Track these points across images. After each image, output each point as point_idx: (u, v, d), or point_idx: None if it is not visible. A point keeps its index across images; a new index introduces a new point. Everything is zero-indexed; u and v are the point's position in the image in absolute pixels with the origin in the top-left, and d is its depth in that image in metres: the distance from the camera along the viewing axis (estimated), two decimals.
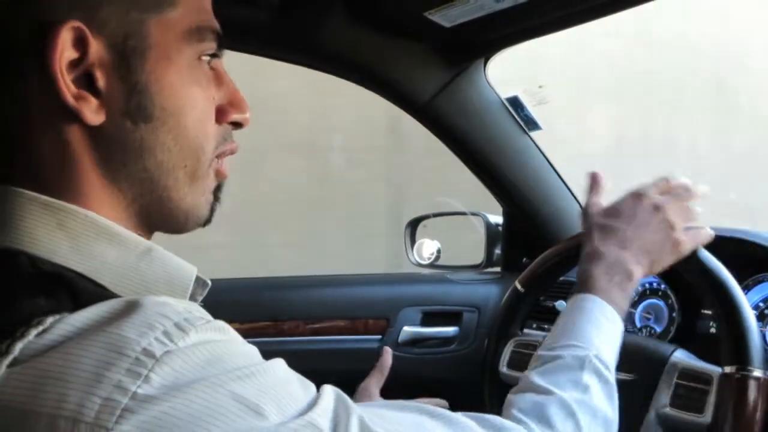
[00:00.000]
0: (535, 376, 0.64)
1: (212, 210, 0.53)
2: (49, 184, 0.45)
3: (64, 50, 0.43)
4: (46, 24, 0.43)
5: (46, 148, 0.45)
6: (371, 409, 0.48)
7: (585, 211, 0.81)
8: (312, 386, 0.45)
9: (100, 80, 0.45)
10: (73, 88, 0.44)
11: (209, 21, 0.50)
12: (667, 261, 0.77)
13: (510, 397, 0.63)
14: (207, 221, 0.53)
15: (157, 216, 0.50)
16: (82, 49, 0.44)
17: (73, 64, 0.44)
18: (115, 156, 0.46)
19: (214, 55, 0.51)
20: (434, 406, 0.51)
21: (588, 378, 0.63)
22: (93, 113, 0.45)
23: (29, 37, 0.43)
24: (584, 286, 0.73)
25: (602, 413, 0.63)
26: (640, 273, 0.74)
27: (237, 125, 0.54)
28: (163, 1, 0.47)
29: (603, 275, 0.72)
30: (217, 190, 0.53)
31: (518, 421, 0.58)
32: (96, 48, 0.44)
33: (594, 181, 0.83)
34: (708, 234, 0.80)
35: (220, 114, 0.52)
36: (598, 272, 0.73)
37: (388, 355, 0.91)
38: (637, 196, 0.78)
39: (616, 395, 0.66)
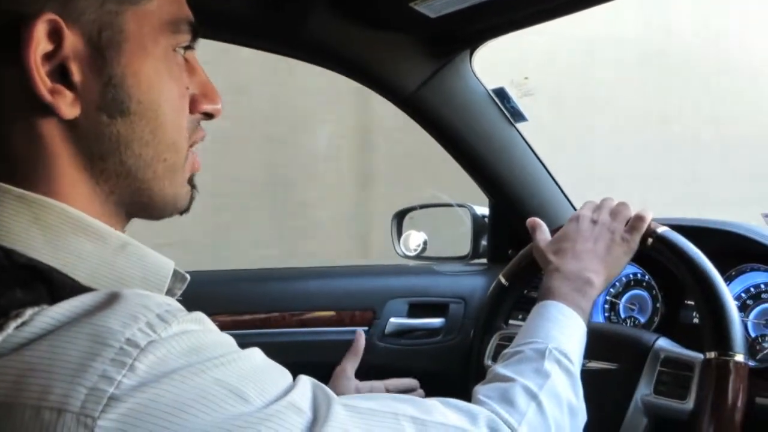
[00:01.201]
0: (498, 368, 0.68)
1: (191, 199, 0.53)
2: (25, 178, 0.45)
3: (39, 43, 0.42)
4: (21, 16, 0.42)
5: (20, 142, 0.45)
6: (348, 399, 0.49)
7: (537, 248, 0.89)
8: (288, 373, 0.47)
9: (75, 73, 0.44)
10: (48, 81, 0.43)
11: (185, 12, 0.50)
12: (622, 261, 0.84)
13: (476, 388, 0.66)
14: (185, 210, 0.53)
15: (135, 205, 0.50)
16: (57, 41, 0.43)
17: (48, 57, 0.43)
18: (91, 150, 0.46)
19: (187, 47, 0.51)
20: (405, 384, 0.53)
21: (549, 366, 0.67)
22: (68, 107, 0.44)
23: (2, 29, 0.43)
24: (544, 296, 0.78)
25: (566, 399, 0.66)
26: (599, 279, 0.80)
27: (208, 116, 0.54)
28: None
29: (561, 285, 0.79)
30: (191, 179, 0.53)
31: (482, 404, 0.61)
32: (71, 40, 0.44)
33: (534, 224, 0.92)
34: (645, 213, 0.86)
35: (193, 104, 0.52)
36: (556, 283, 0.79)
37: (361, 338, 0.99)
38: (575, 219, 0.87)
39: (579, 385, 0.69)
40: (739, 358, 0.78)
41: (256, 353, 0.45)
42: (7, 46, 0.43)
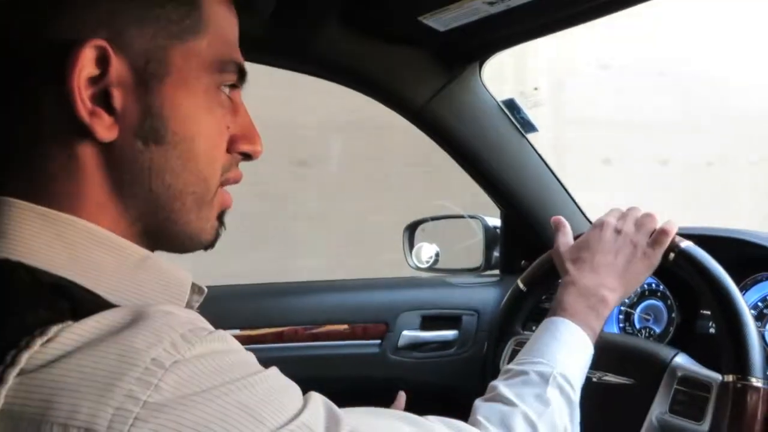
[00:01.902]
0: (501, 387, 0.68)
1: (217, 235, 0.54)
2: (53, 197, 0.46)
3: (85, 66, 0.44)
4: (70, 41, 0.44)
5: (54, 162, 0.46)
6: (354, 415, 0.49)
7: (557, 251, 0.87)
8: (300, 392, 0.47)
9: (117, 99, 0.45)
10: (88, 104, 0.45)
11: (232, 54, 0.51)
12: (642, 276, 0.82)
13: (477, 403, 0.67)
14: (210, 245, 0.54)
15: (159, 237, 0.50)
16: (103, 67, 0.45)
17: (92, 81, 0.45)
18: (123, 175, 0.47)
19: (233, 86, 0.52)
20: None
21: (551, 393, 0.67)
22: (105, 130, 0.45)
23: (51, 52, 0.44)
24: (556, 310, 0.77)
25: (563, 427, 0.66)
26: (614, 296, 0.79)
27: (247, 156, 0.55)
28: (189, 30, 0.48)
29: (575, 300, 0.77)
30: (221, 216, 0.54)
31: (483, 428, 0.62)
32: (117, 67, 0.45)
33: (558, 224, 0.90)
34: (670, 227, 0.83)
35: (232, 143, 0.53)
36: (570, 298, 0.78)
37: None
38: (599, 226, 0.85)
39: (577, 413, 0.69)
40: (758, 383, 0.76)
41: (274, 373, 0.46)
42: (53, 69, 0.44)
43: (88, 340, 0.39)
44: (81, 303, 0.42)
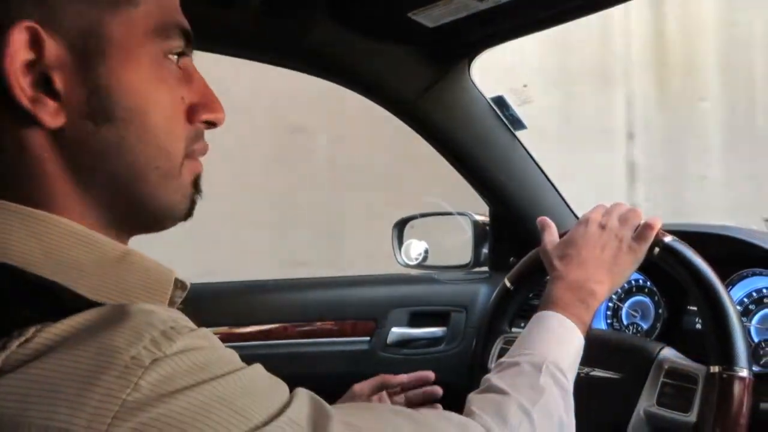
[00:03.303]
0: (494, 379, 0.68)
1: (192, 203, 0.52)
2: (17, 192, 0.44)
3: (17, 51, 0.42)
4: (1, 26, 0.41)
5: (9, 155, 0.44)
6: (346, 410, 0.49)
7: (543, 249, 0.88)
8: (286, 388, 0.46)
9: (58, 82, 0.43)
10: (29, 90, 0.42)
11: (175, 18, 0.49)
12: (628, 271, 0.83)
13: (470, 396, 0.67)
14: (187, 216, 0.52)
15: (133, 219, 0.49)
16: (38, 49, 0.42)
17: (29, 66, 0.42)
18: (81, 160, 0.45)
19: (182, 54, 0.50)
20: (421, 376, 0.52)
21: (544, 382, 0.67)
22: (51, 116, 0.43)
23: None
24: (545, 305, 0.78)
25: (557, 416, 0.67)
26: (603, 289, 0.79)
27: (211, 124, 0.52)
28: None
29: (564, 294, 0.78)
30: (196, 183, 0.52)
31: (476, 417, 0.61)
32: (52, 48, 0.43)
33: (544, 224, 0.91)
34: (654, 222, 0.84)
35: (192, 114, 0.50)
36: (559, 292, 0.78)
37: (435, 391, 0.96)
38: (584, 222, 0.86)
39: (571, 401, 0.70)
40: (743, 373, 0.77)
41: (257, 369, 0.45)
42: None
43: (66, 339, 0.38)
44: (61, 302, 0.41)
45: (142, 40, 0.46)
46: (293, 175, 2.74)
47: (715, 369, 0.78)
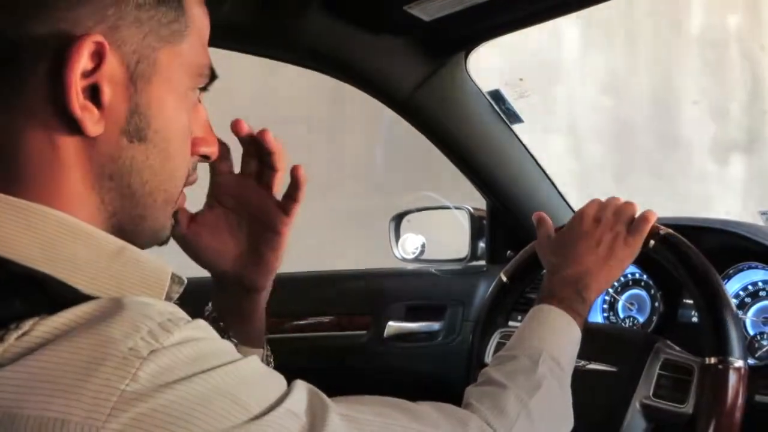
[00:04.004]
0: (492, 372, 0.68)
1: (171, 231, 0.54)
2: (29, 187, 0.45)
3: (82, 61, 0.44)
4: (71, 34, 0.44)
5: (35, 152, 0.45)
6: (344, 403, 0.49)
7: (539, 244, 0.89)
8: (283, 380, 0.47)
9: (107, 94, 0.45)
10: (81, 97, 0.44)
11: (208, 58, 0.52)
12: (624, 263, 0.83)
13: (468, 389, 0.67)
14: (166, 242, 0.55)
15: (129, 232, 0.50)
16: (98, 62, 0.45)
17: (84, 75, 0.45)
18: (104, 169, 0.47)
19: (202, 89, 0.53)
20: None
21: (541, 374, 0.68)
22: (93, 124, 0.45)
23: (48, 43, 0.44)
24: (542, 298, 0.78)
25: (555, 408, 0.67)
26: (599, 283, 0.80)
27: (205, 158, 0.56)
28: (176, 34, 0.49)
29: (560, 288, 0.79)
30: (175, 213, 0.55)
31: (474, 409, 0.62)
32: (111, 64, 0.45)
33: (539, 219, 0.92)
34: (650, 215, 0.85)
35: (193, 145, 0.54)
36: (555, 286, 0.79)
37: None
38: (579, 216, 0.86)
39: (569, 393, 0.70)
40: (739, 363, 0.78)
41: (254, 360, 0.45)
42: (47, 61, 0.44)
43: (63, 331, 0.39)
44: (57, 295, 0.41)
45: (183, 73, 0.50)
46: None
47: (710, 360, 0.79)
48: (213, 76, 0.53)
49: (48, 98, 0.44)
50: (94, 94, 0.45)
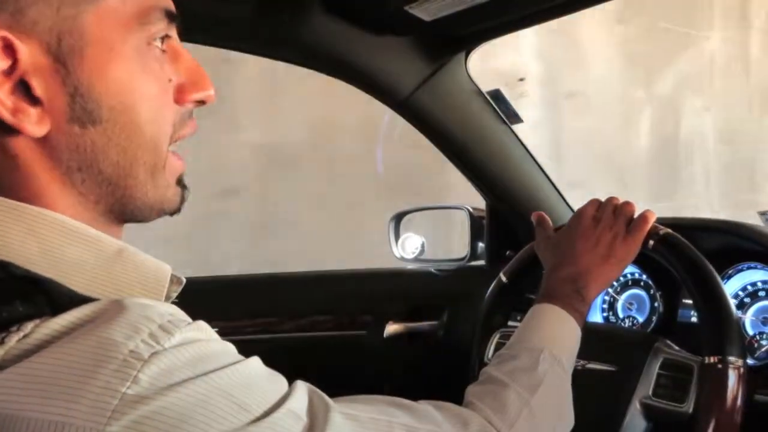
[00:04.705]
0: (493, 371, 0.68)
1: (182, 199, 0.51)
2: (10, 194, 0.44)
3: None
4: None
5: None
6: (345, 402, 0.49)
7: (539, 244, 0.90)
8: (284, 380, 0.47)
9: (38, 88, 0.42)
10: (8, 102, 0.41)
11: (155, 0, 0.46)
12: (623, 262, 0.83)
13: (469, 388, 0.67)
14: (176, 211, 0.51)
15: (123, 212, 0.48)
16: (12, 56, 0.41)
17: (6, 74, 0.41)
18: (67, 162, 0.44)
19: (166, 36, 0.47)
20: None
21: (542, 372, 0.68)
22: (34, 125, 0.42)
23: None
24: (542, 298, 0.78)
25: (557, 405, 0.67)
26: (598, 282, 0.80)
27: (200, 103, 0.50)
28: None
29: (559, 287, 0.79)
30: (180, 180, 0.51)
31: (475, 408, 0.62)
32: (27, 53, 0.41)
33: (538, 219, 0.92)
34: (649, 215, 0.85)
35: (180, 94, 0.48)
36: (554, 285, 0.79)
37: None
38: (578, 216, 0.86)
39: (569, 391, 0.70)
40: (738, 362, 0.78)
41: (255, 361, 0.45)
42: None
43: (64, 333, 0.38)
44: (58, 297, 0.41)
45: (121, 31, 0.44)
46: None
47: (710, 359, 0.79)
48: (171, 17, 0.47)
49: None
50: (25, 90, 0.42)
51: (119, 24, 0.44)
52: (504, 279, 1.00)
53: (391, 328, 1.30)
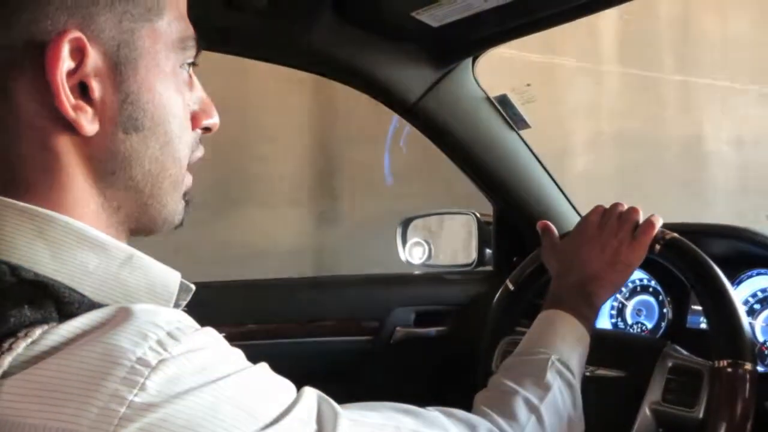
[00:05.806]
0: (501, 378, 0.69)
1: (184, 214, 0.54)
2: (32, 192, 0.44)
3: (63, 61, 0.43)
4: (44, 33, 0.43)
5: (32, 156, 0.45)
6: (354, 409, 0.49)
7: (544, 251, 0.90)
8: (293, 387, 0.47)
9: (96, 90, 0.45)
10: (72, 99, 0.44)
11: (191, 29, 0.51)
12: (630, 268, 0.83)
13: (477, 395, 0.67)
14: (180, 225, 0.54)
15: (138, 222, 0.50)
16: (80, 58, 0.44)
17: (70, 74, 0.44)
18: (105, 165, 0.46)
19: (192, 64, 0.52)
20: None
21: (550, 378, 0.68)
22: (89, 123, 0.45)
23: (23, 48, 0.43)
24: (549, 304, 0.79)
25: (565, 412, 0.67)
26: (605, 287, 0.81)
27: (207, 130, 0.54)
28: (152, 10, 0.47)
29: (567, 294, 0.79)
30: (186, 194, 0.54)
31: (484, 414, 0.62)
32: (92, 57, 0.44)
33: (544, 228, 0.92)
34: (654, 220, 0.85)
35: (193, 120, 0.52)
36: (562, 292, 0.80)
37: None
38: (583, 223, 0.87)
39: (579, 397, 0.70)
40: (748, 366, 0.77)
41: (263, 368, 0.45)
42: (28, 65, 0.43)
43: (71, 340, 0.38)
44: (66, 302, 0.41)
45: (167, 51, 0.48)
46: None
47: (720, 363, 0.78)
48: (199, 48, 0.51)
49: (39, 105, 0.43)
50: (83, 91, 0.44)
51: (165, 44, 0.48)
52: (511, 286, 1.00)
53: (399, 333, 1.29)
